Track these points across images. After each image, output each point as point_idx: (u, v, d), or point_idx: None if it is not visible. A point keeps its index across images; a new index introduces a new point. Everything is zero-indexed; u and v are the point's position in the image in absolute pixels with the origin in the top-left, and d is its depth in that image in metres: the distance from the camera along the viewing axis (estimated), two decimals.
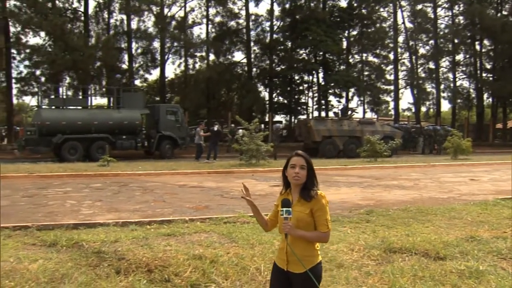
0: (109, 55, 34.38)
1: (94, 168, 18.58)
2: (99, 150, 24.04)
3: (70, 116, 25.07)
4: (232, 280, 5.31)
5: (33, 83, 35.91)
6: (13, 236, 7.59)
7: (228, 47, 44.16)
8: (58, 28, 32.44)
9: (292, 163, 3.39)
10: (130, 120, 25.80)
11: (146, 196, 12.37)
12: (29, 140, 24.34)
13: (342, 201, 11.28)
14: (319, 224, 3.32)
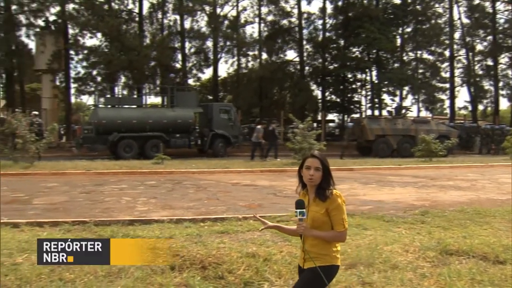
0: (163, 54, 34.92)
1: (148, 165, 18.88)
2: (153, 148, 24.42)
3: (125, 115, 25.58)
4: (285, 278, 5.29)
5: (90, 83, 36.76)
6: (72, 231, 7.80)
7: (280, 46, 44.03)
8: (114, 29, 33.16)
9: (307, 164, 3.42)
10: (183, 118, 26.09)
11: (199, 194, 12.45)
12: (86, 138, 24.98)
13: (396, 201, 11.05)
14: (335, 224, 3.34)
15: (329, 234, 3.34)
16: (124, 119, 25.01)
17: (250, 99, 41.72)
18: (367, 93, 47.01)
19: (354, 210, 9.48)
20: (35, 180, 15.50)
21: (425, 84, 45.41)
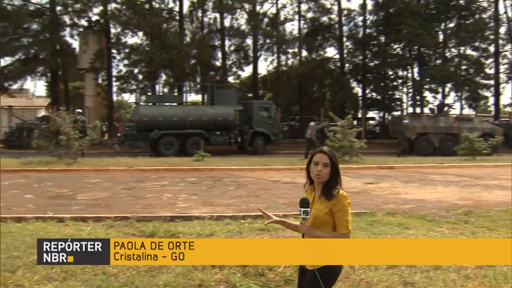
0: (203, 52, 35.06)
1: (189, 163, 19.00)
2: (193, 146, 24.59)
3: (166, 112, 25.84)
4: None
5: (132, 81, 37.21)
6: (114, 226, 7.91)
7: (320, 43, 43.62)
8: (155, 27, 33.53)
9: (315, 160, 3.33)
10: (223, 116, 26.17)
11: (239, 191, 12.46)
12: (128, 135, 25.38)
13: (438, 200, 10.81)
14: (339, 225, 3.26)
15: (331, 236, 3.26)
16: (165, 117, 25.27)
17: (290, 96, 41.57)
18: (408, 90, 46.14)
19: (396, 209, 9.36)
20: (79, 176, 15.81)
21: (469, 81, 44.17)
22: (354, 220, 8.06)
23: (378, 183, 14.22)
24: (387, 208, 9.47)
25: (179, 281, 5.11)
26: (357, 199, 11.01)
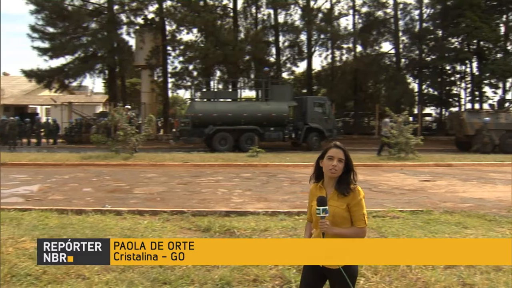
0: (257, 48, 35.08)
1: (243, 158, 19.03)
2: (248, 141, 24.66)
3: (221, 108, 25.98)
4: (382, 275, 5.16)
5: (187, 77, 37.57)
6: (170, 220, 7.98)
7: (375, 38, 42.87)
8: (209, 24, 33.75)
9: (329, 154, 3.28)
10: (278, 112, 26.08)
11: (294, 187, 12.39)
12: (183, 131, 25.63)
13: (499, 199, 10.38)
14: (356, 220, 3.25)
15: (351, 231, 3.25)
16: (220, 113, 25.41)
17: (345, 92, 41.06)
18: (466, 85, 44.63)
19: (453, 208, 9.10)
20: (135, 171, 16.09)
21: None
22: (410, 218, 7.88)
23: (435, 180, 13.85)
24: (445, 207, 9.19)
25: (234, 276, 5.12)
26: (413, 196, 10.83)
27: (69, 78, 37.70)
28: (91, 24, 37.17)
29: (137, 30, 37.01)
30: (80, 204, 9.91)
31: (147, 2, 36.59)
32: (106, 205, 9.31)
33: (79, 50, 36.73)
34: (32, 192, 11.85)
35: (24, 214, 8.33)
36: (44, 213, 8.40)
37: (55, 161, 18.35)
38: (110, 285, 4.94)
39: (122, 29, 37.80)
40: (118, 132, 19.76)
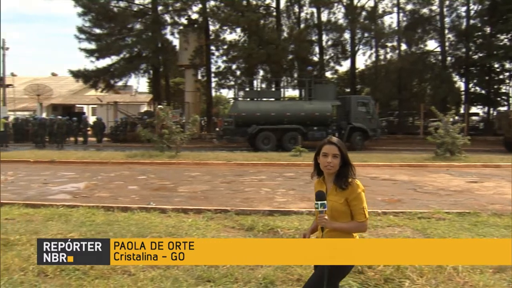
0: (300, 47, 34.93)
1: (286, 158, 18.94)
2: (291, 141, 24.60)
3: (264, 107, 25.98)
4: (428, 278, 5.03)
5: (230, 76, 37.79)
6: (214, 219, 8.00)
7: (420, 36, 41.97)
8: (253, 24, 33.79)
9: (324, 151, 3.28)
10: (321, 111, 25.91)
11: None
12: (227, 130, 25.76)
13: None
14: (356, 214, 3.24)
15: (351, 225, 3.26)
16: (263, 112, 25.42)
17: (389, 91, 40.40)
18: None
19: (502, 210, 8.81)
20: (180, 169, 16.21)
21: None
22: (457, 220, 7.67)
23: (482, 182, 13.43)
24: (493, 209, 8.90)
25: (278, 275, 5.10)
26: (460, 198, 10.56)
27: (114, 78, 38.49)
28: (136, 25, 37.89)
29: (181, 30, 37.43)
30: (125, 201, 10.05)
31: (191, 3, 36.96)
32: (151, 203, 9.40)
33: (124, 51, 37.48)
34: (79, 189, 12.09)
35: (72, 211, 8.52)
36: (91, 210, 8.57)
37: (101, 159, 18.72)
38: (155, 281, 4.98)
39: (166, 30, 38.43)
40: (163, 131, 20.01)
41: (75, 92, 50.14)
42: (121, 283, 4.92)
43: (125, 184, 13.03)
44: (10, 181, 13.65)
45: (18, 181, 13.58)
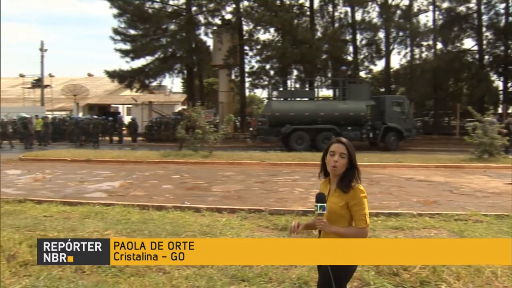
0: (334, 47, 34.72)
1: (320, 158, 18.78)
2: (324, 141, 24.35)
3: (298, 107, 25.87)
4: (465, 281, 4.95)
5: (264, 76, 37.85)
6: (248, 218, 8.00)
7: (457, 34, 41.14)
8: (286, 23, 33.74)
9: (331, 150, 3.23)
10: (355, 111, 25.65)
11: (372, 188, 12.08)
12: (260, 129, 25.76)
13: None
14: (357, 219, 3.14)
15: (350, 231, 3.15)
16: (297, 112, 25.32)
17: (424, 91, 39.69)
18: None
19: None
20: (213, 169, 16.27)
21: None
22: (495, 222, 7.55)
23: None
24: None
25: (312, 276, 5.04)
26: (498, 200, 10.33)
27: (149, 78, 38.94)
28: (170, 25, 38.24)
29: (215, 30, 37.68)
30: (160, 200, 10.15)
31: (225, 3, 37.13)
32: (186, 202, 9.46)
33: (158, 51, 37.88)
34: (115, 188, 12.25)
35: (108, 209, 8.66)
36: (126, 208, 8.69)
37: (136, 158, 18.92)
38: (189, 280, 5.02)
39: (200, 30, 38.74)
40: (196, 131, 20.13)
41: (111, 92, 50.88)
42: (156, 281, 4.97)
43: (159, 183, 13.16)
44: (48, 179, 13.92)
45: (56, 179, 13.85)
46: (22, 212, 8.51)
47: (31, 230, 6.98)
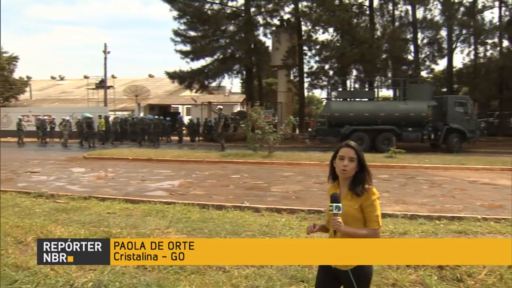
0: (395, 46, 34.05)
1: (380, 159, 18.54)
2: (384, 142, 24.06)
3: (357, 108, 25.61)
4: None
5: (323, 76, 37.60)
6: (308, 219, 8.04)
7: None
8: (345, 23, 33.35)
9: (340, 154, 3.24)
10: (416, 112, 25.09)
11: (434, 190, 11.83)
12: (319, 130, 25.63)
13: None
14: (370, 221, 3.15)
15: (365, 232, 3.13)
16: (356, 112, 25.05)
17: (488, 91, 38.42)
18: None
19: None
20: (272, 169, 16.29)
21: None
22: None
23: None
24: None
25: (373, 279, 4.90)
26: None
27: (208, 79, 39.38)
28: (229, 26, 38.55)
29: (274, 31, 37.70)
30: (220, 200, 10.23)
31: (283, 3, 37.13)
32: (245, 202, 9.50)
33: (218, 52, 38.27)
34: (175, 187, 12.45)
35: (168, 207, 8.82)
36: (186, 207, 8.83)
37: (196, 158, 19.20)
38: (249, 279, 5.04)
39: (259, 30, 38.80)
40: (256, 131, 20.22)
41: (171, 93, 51.89)
42: (216, 279, 5.02)
43: (219, 182, 13.29)
44: (111, 177, 14.31)
45: (118, 178, 14.22)
46: (87, 209, 8.81)
47: (95, 226, 7.22)
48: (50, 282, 4.85)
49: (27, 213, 8.40)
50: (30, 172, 15.68)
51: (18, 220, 7.38)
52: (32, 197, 10.24)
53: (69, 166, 17.74)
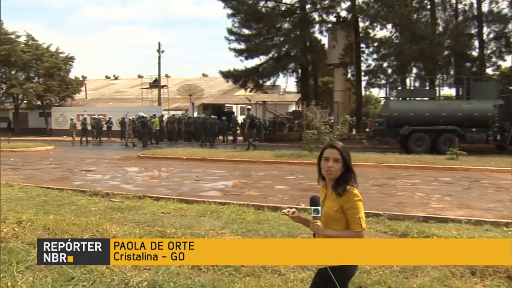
0: (457, 42, 32.83)
1: (441, 161, 17.94)
2: (446, 143, 23.11)
3: (417, 107, 24.83)
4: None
5: (381, 75, 36.77)
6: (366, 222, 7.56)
7: None
8: (404, 18, 32.47)
9: (325, 155, 3.21)
10: (481, 111, 24.07)
11: (500, 195, 11.29)
12: (377, 130, 25.11)
13: None
14: (352, 223, 3.11)
15: (345, 234, 3.11)
16: (416, 112, 24.31)
17: None
18: None
19: None
20: None
21: None
22: None
23: None
24: None
25: (435, 286, 4.88)
26: None
27: (263, 78, 39.30)
28: (284, 24, 38.33)
29: (330, 28, 37.19)
30: (275, 201, 10.13)
31: (340, 0, 36.49)
32: (301, 204, 9.28)
33: (272, 50, 38.07)
34: (229, 187, 12.30)
35: (223, 208, 8.80)
36: (241, 208, 8.80)
37: (250, 158, 19.12)
38: (305, 283, 4.92)
39: (314, 28, 38.31)
40: (312, 131, 19.89)
41: (225, 92, 52.07)
42: (271, 282, 4.95)
43: (274, 183, 13.12)
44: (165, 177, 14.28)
45: (172, 177, 14.20)
46: (142, 208, 8.91)
47: (150, 225, 7.24)
48: (105, 280, 4.88)
49: (83, 211, 8.55)
50: (85, 170, 15.92)
51: (75, 218, 7.45)
52: (88, 195, 10.45)
53: (124, 165, 17.93)
